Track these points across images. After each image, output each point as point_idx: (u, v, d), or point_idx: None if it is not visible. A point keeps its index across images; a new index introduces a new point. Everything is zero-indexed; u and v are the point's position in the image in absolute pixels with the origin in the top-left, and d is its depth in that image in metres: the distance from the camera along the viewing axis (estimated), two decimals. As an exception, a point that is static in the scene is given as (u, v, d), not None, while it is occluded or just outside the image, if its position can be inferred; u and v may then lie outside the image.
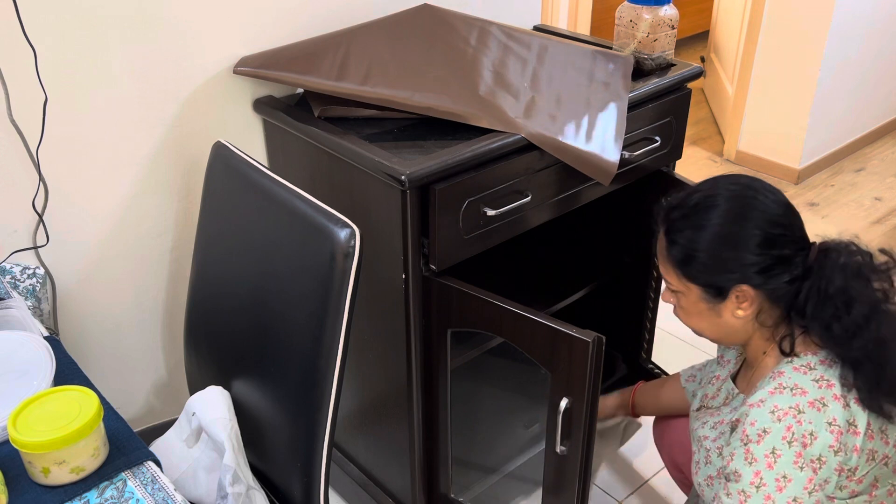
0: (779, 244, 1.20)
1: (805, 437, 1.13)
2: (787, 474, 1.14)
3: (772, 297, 1.23)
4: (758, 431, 1.16)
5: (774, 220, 1.21)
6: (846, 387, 1.17)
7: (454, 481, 1.69)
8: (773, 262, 1.20)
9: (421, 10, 1.68)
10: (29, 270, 1.42)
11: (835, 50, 3.22)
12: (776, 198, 1.23)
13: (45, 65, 1.37)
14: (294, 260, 1.16)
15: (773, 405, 1.17)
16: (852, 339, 1.16)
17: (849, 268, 1.19)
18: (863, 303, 1.17)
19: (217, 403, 1.27)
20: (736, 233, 1.21)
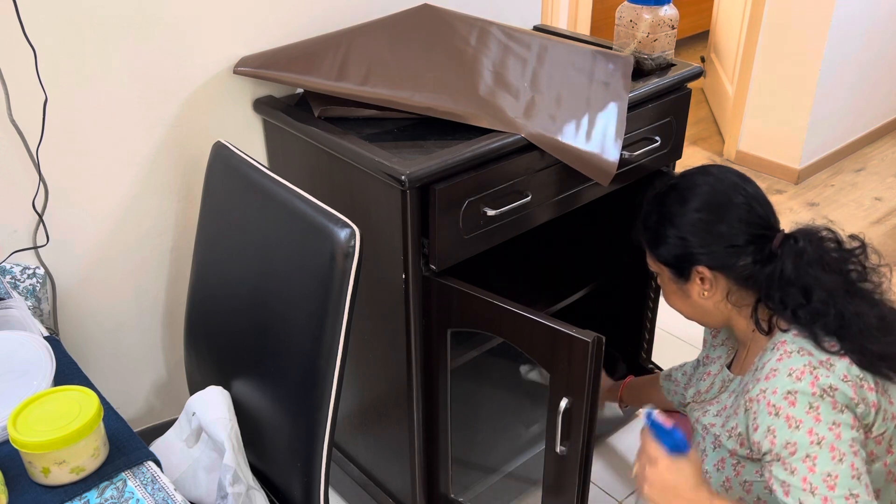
0: (734, 231, 1.28)
1: (827, 390, 1.14)
2: (835, 420, 1.13)
3: (736, 279, 1.30)
4: (784, 396, 1.16)
5: (735, 210, 1.28)
6: None
7: (454, 481, 1.69)
8: (729, 247, 1.28)
9: (421, 10, 1.68)
10: (29, 270, 1.42)
11: (835, 50, 3.22)
12: (743, 189, 1.31)
13: (45, 65, 1.37)
14: (294, 260, 1.16)
15: (788, 369, 1.17)
16: (815, 323, 1.20)
17: (805, 254, 1.24)
18: (822, 289, 1.21)
19: (217, 403, 1.27)
20: (697, 220, 1.30)
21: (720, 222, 1.28)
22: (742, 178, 1.33)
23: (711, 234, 1.29)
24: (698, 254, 1.30)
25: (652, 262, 1.40)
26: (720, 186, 1.31)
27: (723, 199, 1.30)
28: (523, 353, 1.40)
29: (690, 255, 1.31)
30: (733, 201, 1.29)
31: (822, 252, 1.25)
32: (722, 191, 1.30)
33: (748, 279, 1.28)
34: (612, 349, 2.08)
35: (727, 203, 1.29)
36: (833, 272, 1.23)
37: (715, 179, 1.32)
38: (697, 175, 1.35)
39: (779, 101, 3.39)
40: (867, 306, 1.22)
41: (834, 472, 1.11)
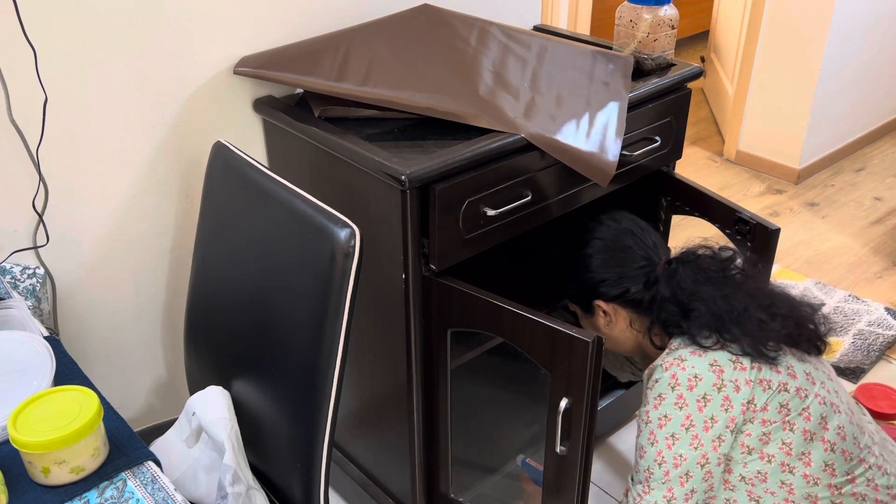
0: (614, 263, 1.47)
1: (690, 379, 1.31)
2: (667, 414, 1.32)
3: (633, 307, 1.47)
4: (653, 383, 1.36)
5: (608, 245, 1.48)
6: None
7: (454, 481, 1.69)
8: (613, 278, 1.47)
9: (421, 10, 1.68)
10: (29, 270, 1.42)
11: (835, 50, 3.22)
12: (616, 224, 1.51)
13: (45, 65, 1.37)
14: (294, 260, 1.16)
15: (661, 361, 1.36)
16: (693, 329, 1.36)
17: (677, 273, 1.42)
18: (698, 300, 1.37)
19: (217, 403, 1.27)
20: (579, 259, 1.51)
21: (612, 259, 1.47)
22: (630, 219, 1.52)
23: (603, 269, 1.48)
24: (595, 289, 1.49)
25: (570, 305, 1.60)
26: (611, 232, 1.50)
27: (614, 237, 1.49)
28: (523, 353, 1.40)
29: (588, 292, 1.50)
30: (622, 241, 1.48)
31: (697, 268, 1.42)
32: (617, 232, 1.49)
33: (643, 305, 1.45)
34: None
35: (619, 243, 1.48)
36: (710, 282, 1.39)
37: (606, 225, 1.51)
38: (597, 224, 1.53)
39: (779, 101, 3.39)
40: (750, 300, 1.36)
41: (686, 455, 1.31)
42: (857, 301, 2.65)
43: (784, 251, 2.99)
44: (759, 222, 1.64)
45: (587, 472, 1.41)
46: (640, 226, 1.52)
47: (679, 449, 1.31)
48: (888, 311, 2.60)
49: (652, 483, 1.34)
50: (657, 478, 1.33)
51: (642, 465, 1.35)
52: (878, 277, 2.81)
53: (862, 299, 2.66)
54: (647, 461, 1.34)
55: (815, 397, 1.33)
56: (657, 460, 1.33)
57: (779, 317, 1.36)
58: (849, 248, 3.00)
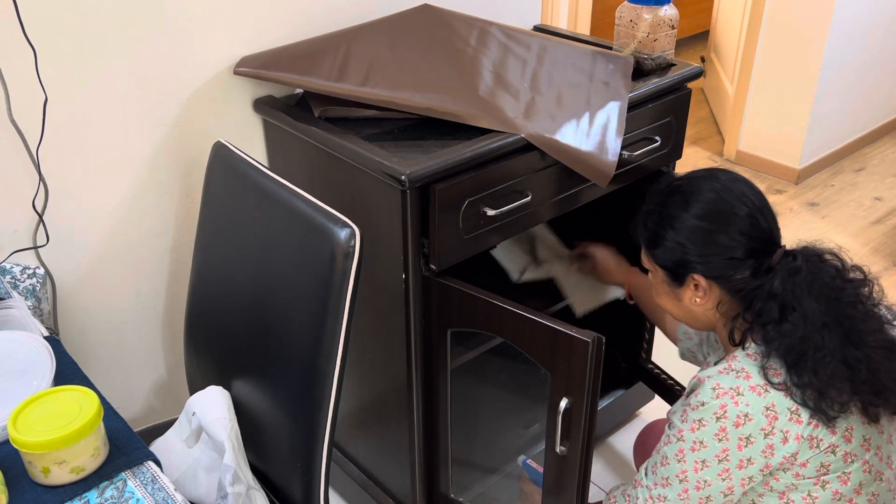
0: (736, 245, 1.26)
1: (739, 417, 1.20)
2: (703, 441, 1.23)
3: (730, 291, 1.29)
4: (698, 403, 1.24)
5: (738, 222, 1.27)
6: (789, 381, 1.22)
7: (454, 481, 1.69)
8: (728, 259, 1.27)
9: (421, 10, 1.68)
10: (29, 270, 1.42)
11: (835, 50, 3.22)
12: (749, 200, 1.28)
13: (45, 65, 1.37)
14: (294, 260, 1.16)
15: (715, 383, 1.23)
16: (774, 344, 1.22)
17: (799, 272, 1.24)
18: (801, 311, 1.21)
19: (217, 403, 1.27)
20: (699, 228, 1.28)
21: (721, 233, 1.26)
22: (750, 188, 1.30)
23: (711, 243, 1.27)
24: (695, 262, 1.29)
25: (647, 261, 1.39)
26: (726, 195, 1.28)
27: (726, 208, 1.27)
28: (523, 353, 1.40)
29: (687, 262, 1.30)
30: (737, 212, 1.27)
31: (817, 275, 1.24)
32: (727, 200, 1.28)
33: (741, 292, 1.28)
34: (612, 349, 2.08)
35: (730, 213, 1.27)
36: (820, 299, 1.23)
37: (721, 187, 1.29)
38: (704, 180, 1.32)
39: (779, 101, 3.39)
40: (839, 345, 1.21)
41: (711, 481, 1.23)
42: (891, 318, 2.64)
43: (784, 251, 2.99)
44: None
45: (587, 472, 1.41)
46: (759, 197, 1.31)
47: (706, 475, 1.24)
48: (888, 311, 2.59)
49: (668, 492, 1.27)
50: (674, 490, 1.27)
51: (662, 471, 1.28)
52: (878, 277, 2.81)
53: (862, 299, 2.66)
54: (668, 471, 1.27)
55: (862, 464, 1.23)
56: (679, 476, 1.26)
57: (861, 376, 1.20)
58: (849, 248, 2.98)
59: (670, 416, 1.31)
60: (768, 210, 1.30)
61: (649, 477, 1.32)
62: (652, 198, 1.36)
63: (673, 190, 1.33)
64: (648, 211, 1.36)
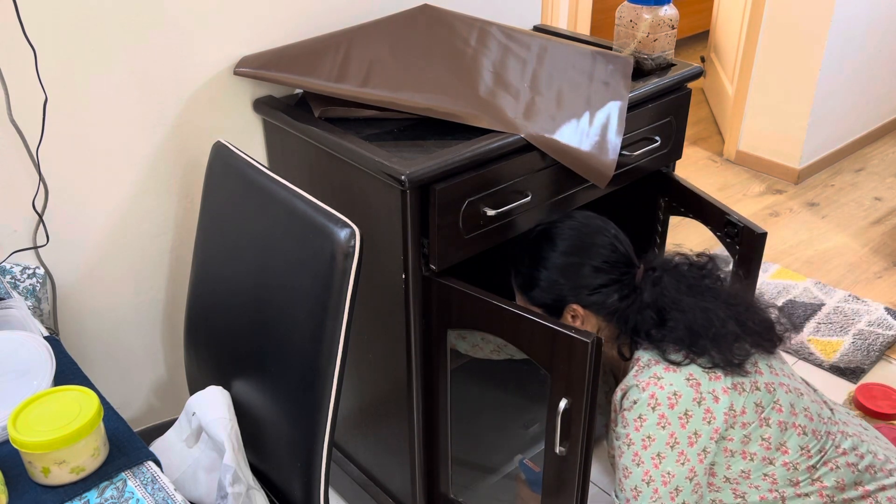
0: (602, 272, 1.43)
1: (670, 398, 1.29)
2: (650, 435, 1.30)
3: (606, 315, 1.43)
4: (630, 403, 1.33)
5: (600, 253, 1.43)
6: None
7: (454, 481, 1.69)
8: (598, 286, 1.42)
9: (421, 10, 1.68)
10: (29, 270, 1.42)
11: (835, 50, 3.22)
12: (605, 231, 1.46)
13: (45, 65, 1.37)
14: (294, 260, 1.16)
15: (635, 381, 1.33)
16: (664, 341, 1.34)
17: (662, 280, 1.39)
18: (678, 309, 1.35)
19: (217, 403, 1.27)
20: (567, 264, 1.44)
21: (587, 264, 1.43)
22: (604, 222, 1.48)
23: (580, 275, 1.43)
24: (570, 294, 1.43)
25: (523, 304, 1.51)
26: (584, 230, 1.45)
27: (587, 240, 1.44)
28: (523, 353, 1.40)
29: (563, 296, 1.44)
30: (597, 242, 1.44)
31: (678, 274, 1.40)
32: (586, 233, 1.45)
33: (615, 314, 1.42)
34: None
35: (592, 245, 1.43)
36: (689, 291, 1.37)
37: (580, 224, 1.46)
38: (564, 220, 1.48)
39: (779, 101, 3.39)
40: (727, 311, 1.35)
41: (673, 472, 1.30)
42: (857, 301, 2.65)
43: (784, 251, 2.99)
44: (746, 225, 1.64)
45: (586, 472, 1.41)
46: (613, 227, 1.48)
47: (666, 467, 1.30)
48: (888, 311, 2.60)
49: (641, 501, 1.32)
50: (646, 496, 1.31)
51: (628, 484, 1.33)
52: (878, 277, 2.81)
53: (862, 299, 2.66)
54: (633, 481, 1.32)
55: (780, 387, 1.34)
56: (644, 479, 1.31)
57: (751, 327, 1.36)
58: (849, 248, 3.00)
59: (611, 432, 1.40)
60: (623, 237, 1.47)
61: (620, 496, 1.36)
62: (518, 245, 1.51)
63: (537, 235, 1.48)
64: (517, 258, 1.50)
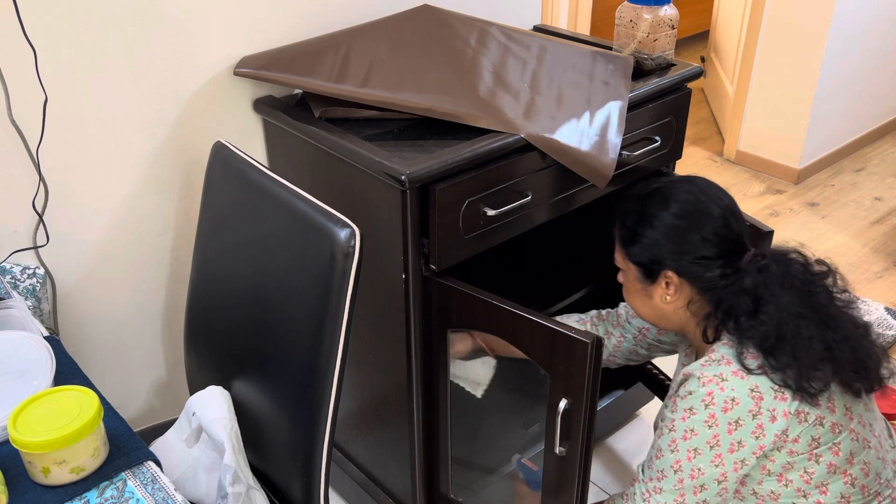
0: (709, 244, 1.33)
1: (726, 402, 1.24)
2: (694, 429, 1.27)
3: (701, 289, 1.35)
4: (686, 392, 1.29)
5: (712, 223, 1.34)
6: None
7: (454, 481, 1.69)
8: (700, 258, 1.33)
9: (421, 10, 1.68)
10: (29, 270, 1.42)
11: (835, 50, 3.22)
12: (724, 203, 1.36)
13: (45, 65, 1.37)
14: (294, 260, 1.16)
15: (700, 373, 1.28)
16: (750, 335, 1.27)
17: (768, 269, 1.30)
18: (774, 304, 1.27)
19: (217, 403, 1.27)
20: (675, 226, 1.35)
21: (696, 231, 1.33)
22: (723, 193, 1.38)
23: (685, 242, 1.34)
24: (669, 259, 1.35)
25: (620, 259, 1.44)
26: (702, 197, 1.36)
27: (702, 209, 1.34)
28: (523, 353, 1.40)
29: (661, 259, 1.36)
30: (711, 213, 1.34)
31: (786, 271, 1.31)
32: (702, 201, 1.35)
33: (711, 291, 1.34)
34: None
35: (705, 214, 1.34)
36: (791, 292, 1.29)
37: (698, 189, 1.37)
38: (681, 183, 1.39)
39: (779, 101, 3.39)
40: (817, 330, 1.26)
41: (704, 469, 1.27)
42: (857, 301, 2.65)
43: (784, 251, 2.99)
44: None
45: (586, 472, 1.41)
46: (732, 202, 1.38)
47: (699, 463, 1.27)
48: (888, 311, 2.59)
49: (664, 484, 1.30)
50: (670, 481, 1.30)
51: (657, 464, 1.31)
52: (879, 277, 2.81)
53: (862, 299, 2.66)
54: (663, 463, 1.30)
55: (849, 433, 1.28)
56: (674, 467, 1.29)
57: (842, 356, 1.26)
58: (849, 248, 3.00)
59: (662, 410, 1.35)
60: (740, 215, 1.37)
61: (645, 472, 1.35)
62: (631, 198, 1.43)
63: (652, 191, 1.40)
64: (627, 210, 1.42)
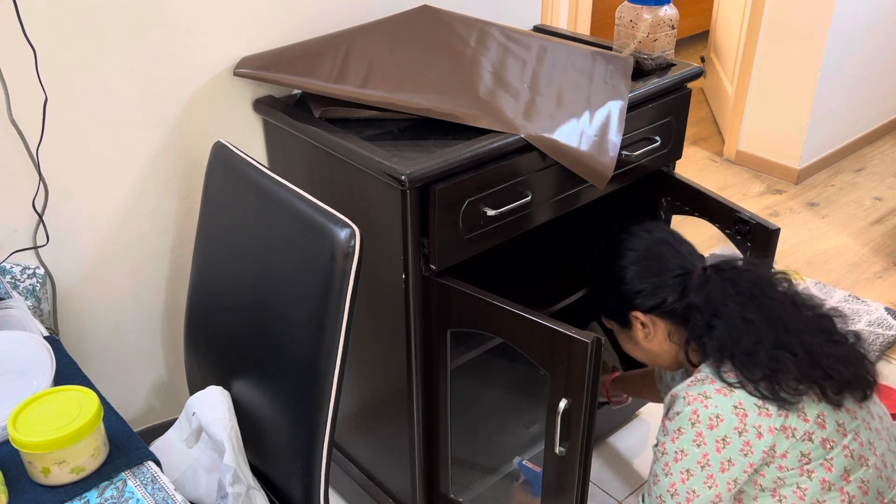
0: (650, 273, 1.42)
1: (711, 419, 1.26)
2: (684, 449, 1.28)
3: (671, 318, 1.42)
4: (674, 414, 1.31)
5: (643, 255, 1.44)
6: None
7: (454, 481, 1.69)
8: (649, 288, 1.42)
9: (421, 11, 1.68)
10: (29, 270, 1.42)
11: (835, 50, 3.22)
12: (649, 235, 1.46)
13: (45, 65, 1.37)
14: (294, 260, 1.16)
15: (685, 393, 1.30)
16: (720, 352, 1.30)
17: (709, 281, 1.36)
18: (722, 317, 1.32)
19: (217, 403, 1.27)
20: (612, 272, 1.46)
21: (648, 269, 1.42)
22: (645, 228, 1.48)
23: (633, 280, 1.43)
24: (629, 301, 1.44)
25: (605, 321, 1.54)
26: (645, 241, 1.45)
27: (650, 248, 1.44)
28: (523, 353, 1.40)
29: (625, 304, 1.45)
30: (659, 252, 1.43)
31: (733, 280, 1.35)
32: (651, 242, 1.45)
33: (679, 316, 1.40)
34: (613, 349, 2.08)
35: (654, 252, 1.44)
36: (736, 299, 1.32)
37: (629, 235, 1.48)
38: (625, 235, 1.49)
39: (779, 101, 3.39)
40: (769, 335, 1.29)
41: (699, 492, 1.27)
42: (857, 301, 2.65)
43: (784, 251, 2.99)
44: (758, 222, 1.64)
45: (586, 472, 1.41)
46: (673, 235, 1.47)
47: (693, 485, 1.27)
48: (888, 311, 2.60)
49: None
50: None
51: (655, 491, 1.32)
52: (878, 277, 2.81)
53: (862, 299, 2.66)
54: (660, 489, 1.31)
55: (842, 449, 1.27)
56: (670, 491, 1.29)
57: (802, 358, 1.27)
58: (849, 248, 3.00)
59: (657, 437, 1.37)
60: (678, 237, 1.47)
61: (646, 500, 1.35)
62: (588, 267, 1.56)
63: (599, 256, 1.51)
64: (586, 279, 1.54)
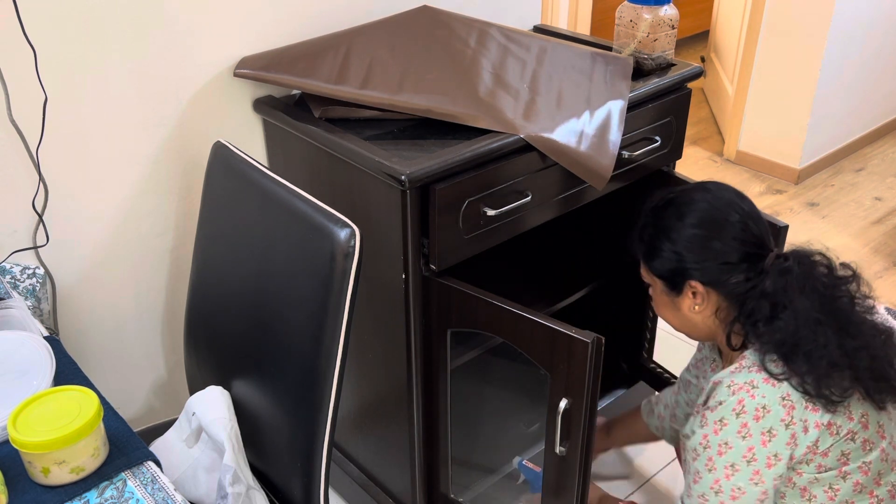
0: (730, 250, 1.31)
1: (758, 410, 1.22)
2: (728, 441, 1.23)
3: (727, 296, 1.33)
4: (715, 403, 1.26)
5: (730, 228, 1.31)
6: None
7: (454, 481, 1.69)
8: (723, 264, 1.31)
9: (420, 11, 1.68)
10: (29, 270, 1.42)
11: (835, 50, 3.22)
12: (739, 207, 1.33)
13: (45, 65, 1.37)
14: (294, 260, 1.16)
15: (730, 381, 1.26)
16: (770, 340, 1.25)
17: (790, 272, 1.28)
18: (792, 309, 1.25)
19: (217, 403, 1.27)
20: (693, 237, 1.33)
21: (715, 239, 1.31)
22: (739, 196, 1.36)
23: (706, 250, 1.32)
24: (692, 269, 1.33)
25: (645, 274, 1.43)
26: (717, 203, 1.33)
27: (719, 216, 1.32)
28: (523, 353, 1.40)
29: (684, 270, 1.34)
30: (729, 219, 1.32)
31: (808, 275, 1.28)
32: (719, 208, 1.33)
33: (737, 296, 1.32)
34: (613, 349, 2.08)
35: (723, 220, 1.32)
36: (811, 296, 1.26)
37: (713, 196, 1.35)
38: (695, 191, 1.37)
39: (779, 101, 3.39)
40: (835, 336, 1.23)
41: (745, 489, 1.23)
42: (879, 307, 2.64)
43: (784, 251, 2.99)
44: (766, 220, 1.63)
45: (587, 472, 1.41)
46: (748, 203, 1.36)
47: (738, 481, 1.24)
48: (888, 311, 2.59)
49: None
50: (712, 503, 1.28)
51: (696, 489, 1.28)
52: (878, 277, 2.81)
53: (862, 299, 2.66)
54: (702, 486, 1.27)
55: (880, 452, 1.26)
56: (714, 488, 1.26)
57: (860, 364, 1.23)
58: (849, 248, 3.00)
59: (691, 426, 1.32)
60: (759, 216, 1.35)
61: (686, 501, 1.32)
62: (646, 213, 1.41)
63: (666, 203, 1.38)
64: (643, 225, 1.40)
